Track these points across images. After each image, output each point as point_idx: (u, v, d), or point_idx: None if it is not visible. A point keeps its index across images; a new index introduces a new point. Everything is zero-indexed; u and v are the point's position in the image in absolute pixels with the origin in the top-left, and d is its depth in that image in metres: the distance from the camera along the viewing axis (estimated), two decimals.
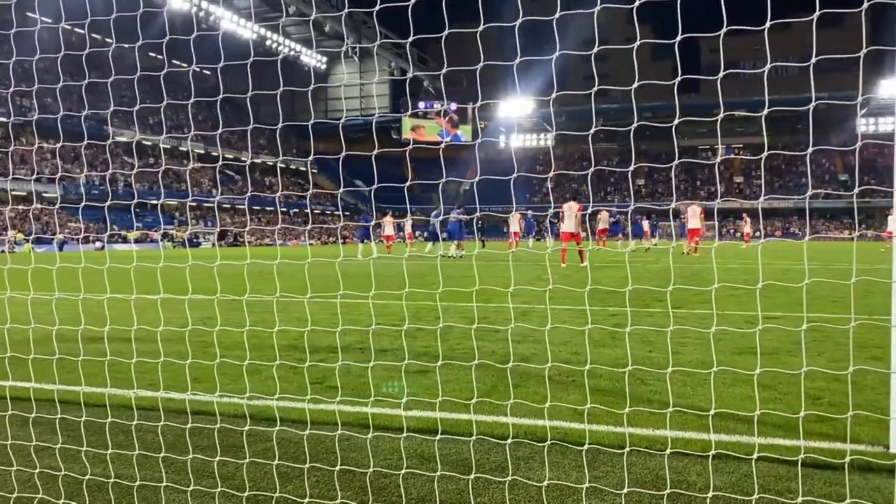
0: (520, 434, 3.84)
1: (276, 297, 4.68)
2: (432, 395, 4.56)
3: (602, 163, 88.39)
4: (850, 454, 3.31)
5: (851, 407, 4.22)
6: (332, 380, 5.03)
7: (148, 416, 4.23)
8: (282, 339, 6.86)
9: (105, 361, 4.11)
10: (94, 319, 4.74)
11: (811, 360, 5.79)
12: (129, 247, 45.10)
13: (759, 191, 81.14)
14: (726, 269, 16.62)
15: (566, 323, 8.06)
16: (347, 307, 9.63)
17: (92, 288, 8.19)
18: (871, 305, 8.50)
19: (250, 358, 4.74)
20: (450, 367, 5.40)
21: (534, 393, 4.73)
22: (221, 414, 4.17)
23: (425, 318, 8.71)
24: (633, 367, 5.40)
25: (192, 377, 5.01)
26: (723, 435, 3.81)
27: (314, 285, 12.10)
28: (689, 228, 25.27)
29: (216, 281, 4.42)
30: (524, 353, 6.20)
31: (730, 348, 6.25)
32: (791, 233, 74.10)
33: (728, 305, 9.15)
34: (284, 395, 4.48)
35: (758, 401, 4.33)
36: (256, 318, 8.34)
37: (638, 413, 4.18)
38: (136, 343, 4.50)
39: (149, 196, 49.99)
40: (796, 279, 13.45)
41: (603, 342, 6.60)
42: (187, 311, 5.86)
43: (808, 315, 8.20)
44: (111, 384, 4.64)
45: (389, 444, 3.67)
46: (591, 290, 5.69)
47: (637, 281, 14.20)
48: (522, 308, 9.50)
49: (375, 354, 6.15)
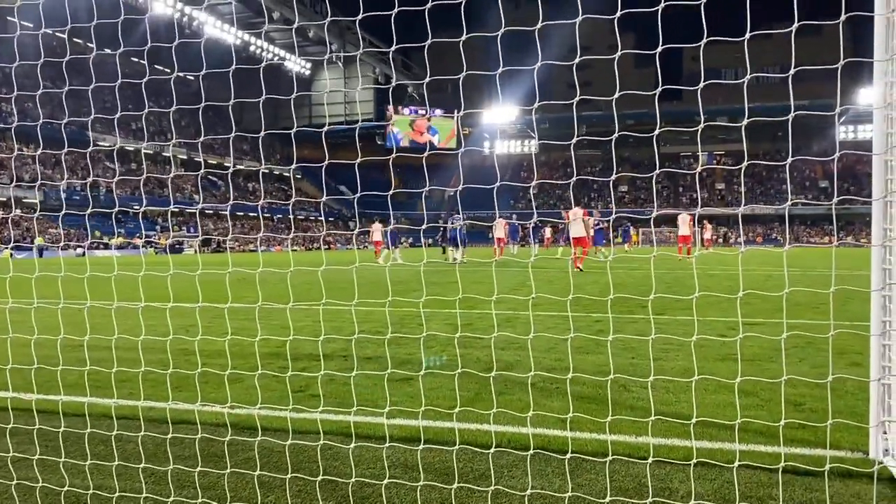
0: (503, 442, 3.83)
1: (258, 305, 4.65)
2: (415, 404, 4.54)
3: (585, 169, 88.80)
4: (831, 461, 3.34)
5: (832, 413, 4.27)
6: (315, 388, 5.00)
7: (128, 425, 4.18)
8: (264, 347, 6.81)
9: (85, 370, 4.06)
10: (73, 328, 4.68)
11: (792, 367, 5.84)
12: (109, 253, 44.69)
13: (741, 197, 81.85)
14: (709, 276, 16.73)
15: (550, 330, 8.08)
16: (330, 314, 9.58)
17: (72, 295, 8.10)
18: (851, 311, 8.59)
19: (232, 366, 4.71)
20: (434, 374, 5.40)
21: (518, 400, 4.73)
22: (203, 423, 4.13)
23: (409, 325, 8.70)
24: (616, 374, 5.42)
25: (174, 386, 4.96)
26: (705, 442, 3.82)
27: (297, 292, 12.04)
28: (680, 235, 26.98)
29: (198, 289, 4.38)
30: (509, 361, 6.20)
31: (712, 355, 6.29)
32: (773, 239, 74.77)
33: (710, 312, 9.21)
34: (266, 405, 4.45)
35: (739, 408, 4.36)
36: (239, 325, 8.28)
37: (621, 420, 4.19)
38: (116, 351, 4.45)
39: (131, 202, 49.57)
40: (777, 286, 13.57)
41: (587, 349, 6.62)
42: (168, 319, 5.81)
43: (788, 321, 8.27)
44: (90, 393, 4.59)
45: (372, 454, 3.65)
46: (574, 297, 5.71)
47: (620, 287, 14.25)
48: (507, 315, 9.51)
49: (359, 362, 6.13)
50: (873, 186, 3.26)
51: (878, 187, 3.25)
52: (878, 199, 3.21)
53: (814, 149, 79.66)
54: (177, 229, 64.27)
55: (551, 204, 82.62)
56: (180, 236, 62.69)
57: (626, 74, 4.83)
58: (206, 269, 3.54)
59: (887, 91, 3.25)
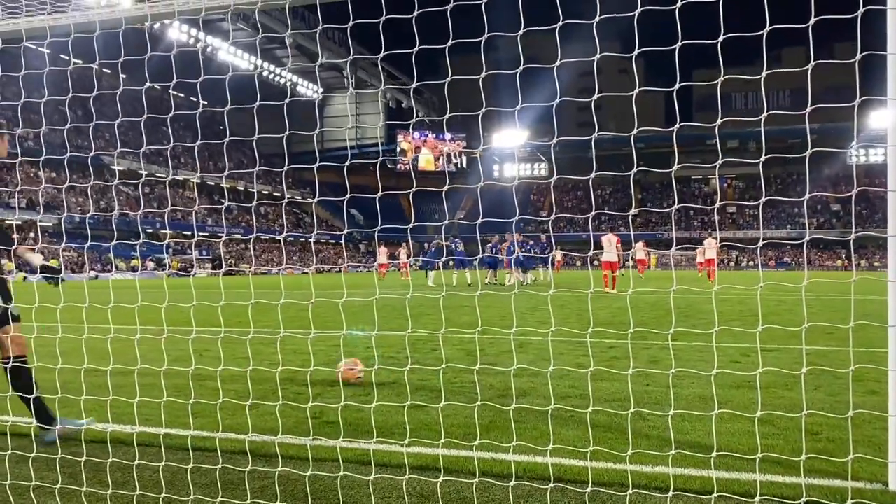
0: (520, 471, 3.84)
1: (279, 335, 4.70)
2: (431, 431, 4.56)
3: (597, 192, 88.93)
4: (853, 493, 3.33)
5: (852, 442, 4.25)
6: (331, 415, 5.02)
7: (147, 452, 4.22)
8: (284, 371, 6.84)
9: (108, 399, 4.11)
10: (96, 354, 4.74)
11: (809, 394, 5.82)
12: (121, 276, 44.98)
13: (752, 221, 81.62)
14: (722, 300, 16.67)
15: (563, 355, 8.08)
16: (345, 340, 9.61)
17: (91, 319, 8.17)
18: (867, 337, 8.53)
19: (245, 392, 4.75)
20: (449, 401, 5.41)
21: (532, 428, 4.74)
22: (224, 451, 4.16)
23: (422, 350, 8.72)
24: (631, 403, 5.42)
25: (193, 413, 5.00)
26: (722, 472, 3.81)
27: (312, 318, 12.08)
28: (706, 258, 30.39)
29: (220, 315, 4.43)
30: (523, 387, 6.21)
31: (727, 382, 6.27)
32: (784, 262, 74.41)
33: (724, 338, 9.18)
34: (286, 434, 4.48)
35: (758, 437, 4.35)
36: (254, 350, 8.32)
37: (637, 449, 4.19)
38: (137, 377, 4.50)
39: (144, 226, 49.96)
40: (791, 310, 13.49)
41: (601, 376, 6.61)
42: (190, 346, 5.86)
43: (805, 348, 8.23)
44: (112, 420, 4.64)
45: (390, 483, 3.67)
46: (588, 323, 5.73)
47: (634, 312, 14.23)
48: (519, 340, 9.51)
49: (375, 389, 6.15)
50: (889, 219, 3.28)
51: (894, 222, 3.27)
52: (893, 236, 3.22)
53: (825, 172, 79.49)
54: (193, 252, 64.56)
55: (561, 227, 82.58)
56: (193, 258, 63.02)
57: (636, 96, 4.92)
58: (226, 301, 3.59)
59: None
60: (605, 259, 21.74)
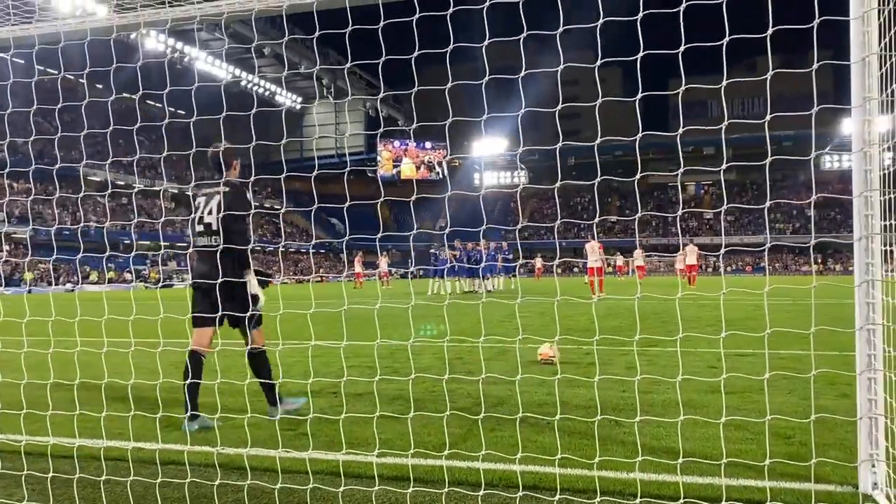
0: (495, 480, 3.82)
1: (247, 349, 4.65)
2: (405, 442, 4.53)
3: (575, 199, 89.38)
4: (821, 495, 3.35)
5: (822, 446, 4.29)
6: (306, 427, 4.97)
7: (117, 467, 4.15)
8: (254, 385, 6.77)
9: (75, 414, 4.04)
10: (63, 367, 4.67)
11: (781, 398, 5.87)
12: (100, 287, 44.45)
13: (729, 227, 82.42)
14: (699, 306, 16.79)
15: (541, 362, 8.08)
16: (320, 350, 9.54)
17: (62, 333, 8.05)
18: (840, 342, 8.62)
19: (221, 404, 4.69)
20: (424, 411, 5.38)
21: (509, 437, 4.72)
22: (192, 464, 4.10)
23: (400, 358, 8.68)
24: (607, 409, 5.43)
25: (162, 426, 4.92)
26: (696, 477, 3.82)
27: (285, 329, 11.99)
28: (687, 264, 30.87)
29: (187, 328, 4.38)
30: (500, 395, 6.20)
31: (702, 387, 6.29)
32: (762, 267, 75.13)
33: (700, 343, 9.23)
34: (256, 446, 4.42)
35: (730, 442, 4.37)
36: (229, 362, 8.23)
37: (611, 455, 4.19)
38: (104, 391, 4.43)
39: (121, 237, 49.37)
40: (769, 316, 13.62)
41: (577, 382, 6.62)
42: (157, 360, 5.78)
43: (778, 352, 8.31)
44: (79, 435, 4.56)
45: (362, 495, 3.64)
46: (565, 328, 5.76)
47: (612, 318, 14.29)
48: (497, 347, 9.50)
49: (349, 399, 6.11)
50: (854, 224, 3.32)
51: (859, 224, 3.31)
52: (859, 239, 3.26)
53: (800, 177, 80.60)
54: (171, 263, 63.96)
55: (542, 234, 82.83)
56: (171, 270, 62.45)
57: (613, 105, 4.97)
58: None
59: (865, 130, 3.33)
60: (591, 265, 22.73)
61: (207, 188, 5.34)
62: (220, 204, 5.12)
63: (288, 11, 3.57)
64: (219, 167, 5.33)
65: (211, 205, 5.19)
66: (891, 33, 3.25)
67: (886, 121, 3.58)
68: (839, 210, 77.13)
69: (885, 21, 3.27)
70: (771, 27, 3.14)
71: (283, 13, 3.57)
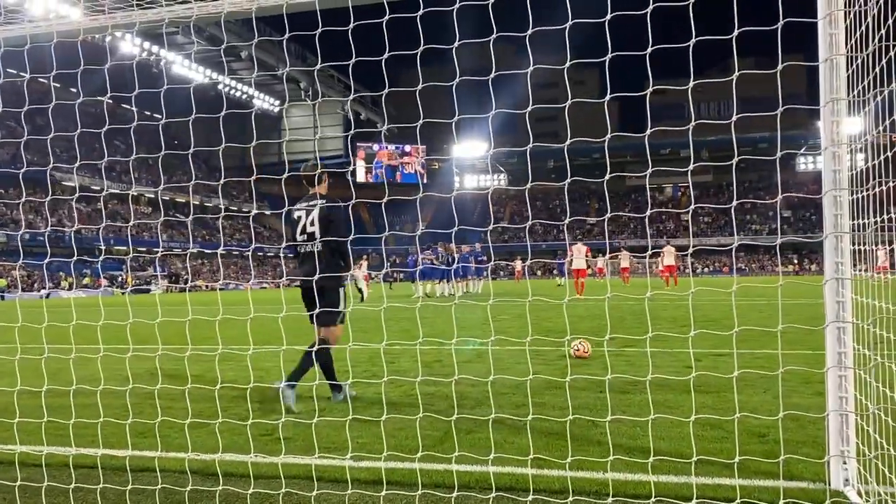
0: (471, 482, 3.81)
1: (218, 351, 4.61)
2: (381, 444, 4.50)
3: (554, 201, 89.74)
4: (792, 492, 3.37)
5: (795, 443, 4.33)
6: (283, 431, 4.93)
7: (88, 475, 4.08)
8: (231, 391, 6.71)
9: (42, 421, 3.97)
10: (31, 374, 4.59)
11: (758, 397, 5.92)
12: (74, 293, 43.89)
13: (706, 228, 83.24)
14: (677, 306, 16.91)
15: (520, 364, 8.09)
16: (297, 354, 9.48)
17: (31, 340, 7.92)
18: (815, 341, 8.73)
19: (194, 410, 4.64)
20: (402, 414, 5.35)
21: (487, 439, 4.71)
22: (164, 470, 4.04)
23: (378, 363, 8.64)
24: (584, 409, 5.44)
25: (137, 431, 4.86)
26: (671, 476, 3.84)
27: (261, 333, 11.91)
28: (665, 265, 31.25)
29: (156, 333, 4.33)
30: (478, 397, 6.19)
31: (679, 387, 6.33)
32: (738, 268, 75.91)
33: (675, 343, 9.29)
34: (228, 451, 4.37)
35: (706, 441, 4.39)
36: (205, 367, 8.16)
37: (588, 455, 4.20)
38: (74, 397, 4.36)
39: (96, 243, 48.85)
40: (744, 315, 13.75)
41: (556, 383, 6.62)
42: (127, 366, 5.71)
43: (754, 352, 8.39)
44: (48, 442, 4.48)
45: (336, 499, 3.61)
46: (544, 330, 5.76)
47: (590, 319, 14.35)
48: (477, 350, 9.49)
49: (326, 403, 6.08)
50: (824, 222, 3.35)
51: (829, 223, 3.34)
52: (828, 235, 3.30)
53: (774, 178, 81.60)
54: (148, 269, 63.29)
55: (521, 236, 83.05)
56: (148, 275, 61.81)
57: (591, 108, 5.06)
58: (167, 318, 3.50)
59: (833, 130, 3.36)
60: (575, 267, 24.14)
61: (304, 203, 6.22)
62: (319, 214, 6.04)
63: (257, 14, 3.54)
64: (312, 183, 6.24)
65: (312, 216, 6.07)
66: (857, 34, 3.29)
67: (858, 122, 3.63)
68: (814, 210, 78.15)
69: (852, 22, 3.31)
70: (737, 29, 3.17)
71: (252, 15, 3.54)
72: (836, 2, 3.25)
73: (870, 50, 3.15)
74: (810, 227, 77.85)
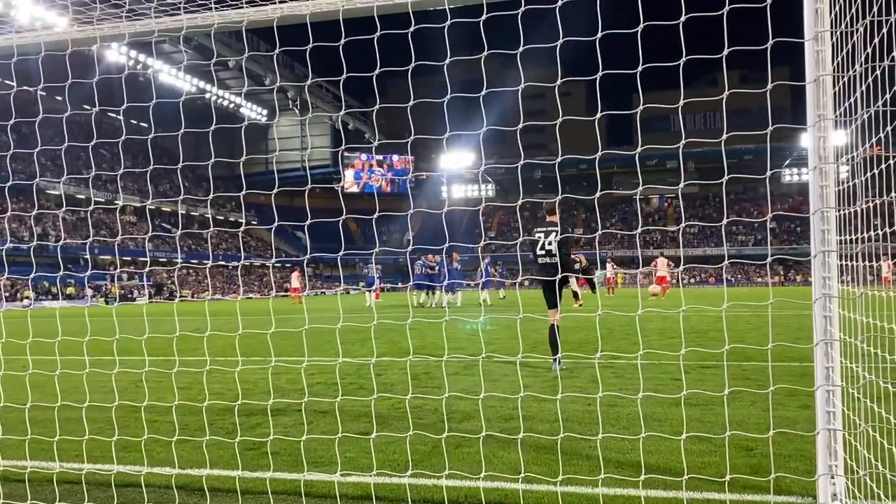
0: (461, 497, 3.79)
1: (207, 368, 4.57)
2: (370, 459, 4.48)
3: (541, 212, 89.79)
4: None
5: (783, 457, 4.34)
6: (270, 446, 4.89)
7: (72, 490, 4.02)
8: (218, 404, 6.65)
9: (26, 438, 3.92)
10: (14, 389, 4.53)
11: (745, 410, 5.93)
12: (58, 303, 43.48)
13: (693, 239, 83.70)
14: (664, 317, 16.96)
15: (507, 376, 8.08)
16: (285, 367, 9.44)
17: (13, 352, 7.83)
18: (802, 352, 8.77)
19: (181, 424, 4.59)
20: (390, 428, 5.33)
21: (475, 452, 4.69)
22: (150, 486, 4.00)
23: (366, 375, 8.61)
24: (572, 423, 5.43)
25: (122, 446, 4.80)
26: (660, 491, 3.84)
27: (249, 345, 11.84)
28: (657, 276, 31.98)
29: (143, 347, 4.29)
30: (467, 411, 6.17)
31: (666, 400, 6.34)
32: (724, 279, 76.28)
33: (663, 356, 9.32)
34: (216, 467, 4.33)
35: (693, 454, 4.39)
36: (191, 378, 8.09)
37: (577, 470, 4.19)
38: (59, 411, 4.31)
39: (80, 252, 48.42)
40: (731, 327, 13.81)
41: (544, 397, 6.62)
42: (113, 380, 5.66)
43: (741, 364, 8.42)
44: (31, 457, 4.42)
45: None
46: (533, 343, 5.76)
47: (578, 331, 14.36)
48: (465, 362, 9.47)
49: (314, 416, 6.04)
50: (811, 240, 3.37)
51: (815, 240, 3.36)
52: (814, 256, 3.32)
53: (760, 190, 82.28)
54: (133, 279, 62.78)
55: (507, 248, 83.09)
56: (132, 284, 61.33)
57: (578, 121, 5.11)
58: (153, 334, 3.47)
59: (820, 147, 3.39)
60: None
61: (544, 228, 8.93)
62: (556, 237, 8.69)
63: (248, 27, 3.54)
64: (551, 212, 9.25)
65: (550, 237, 8.72)
66: (843, 53, 3.32)
67: (843, 135, 3.66)
68: (799, 222, 78.81)
69: (838, 41, 3.34)
70: (727, 48, 3.20)
71: (243, 28, 3.54)
72: (823, 21, 3.28)
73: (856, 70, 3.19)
74: (795, 237, 78.48)
